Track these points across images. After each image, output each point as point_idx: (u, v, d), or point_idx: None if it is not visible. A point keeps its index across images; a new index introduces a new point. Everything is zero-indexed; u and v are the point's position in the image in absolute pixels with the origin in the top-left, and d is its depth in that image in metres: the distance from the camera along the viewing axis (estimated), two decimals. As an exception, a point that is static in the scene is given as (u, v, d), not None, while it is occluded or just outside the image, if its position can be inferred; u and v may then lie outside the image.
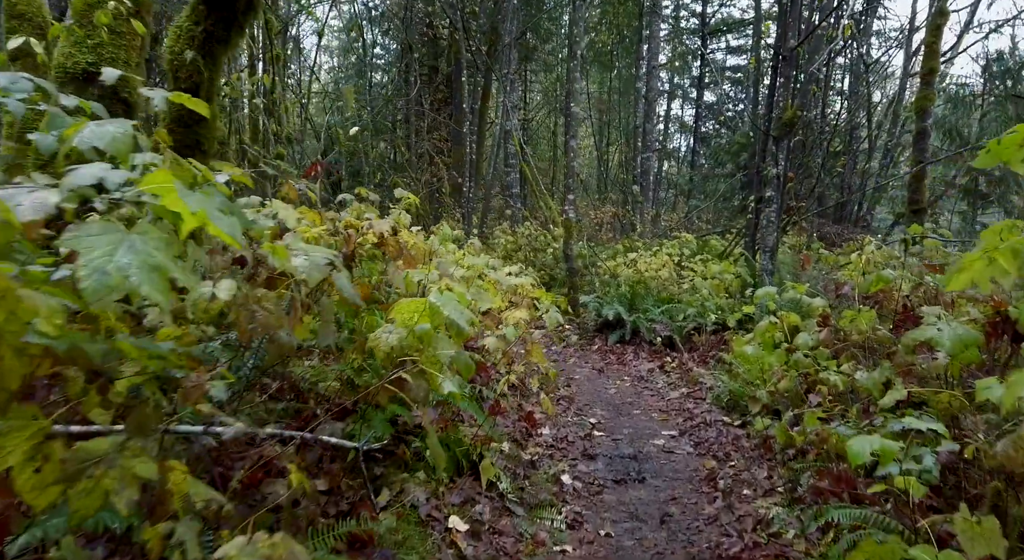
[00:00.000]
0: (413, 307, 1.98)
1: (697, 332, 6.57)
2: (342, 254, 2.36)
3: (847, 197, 10.59)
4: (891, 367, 2.47)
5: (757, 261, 6.75)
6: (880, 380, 2.45)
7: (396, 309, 2.01)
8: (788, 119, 6.89)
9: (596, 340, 7.28)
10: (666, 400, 4.96)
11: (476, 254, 4.75)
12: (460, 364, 1.88)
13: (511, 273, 4.86)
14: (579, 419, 4.46)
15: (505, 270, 4.85)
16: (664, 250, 8.72)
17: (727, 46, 23.53)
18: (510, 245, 12.44)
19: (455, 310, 1.86)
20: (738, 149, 17.05)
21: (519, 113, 21.22)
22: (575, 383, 5.61)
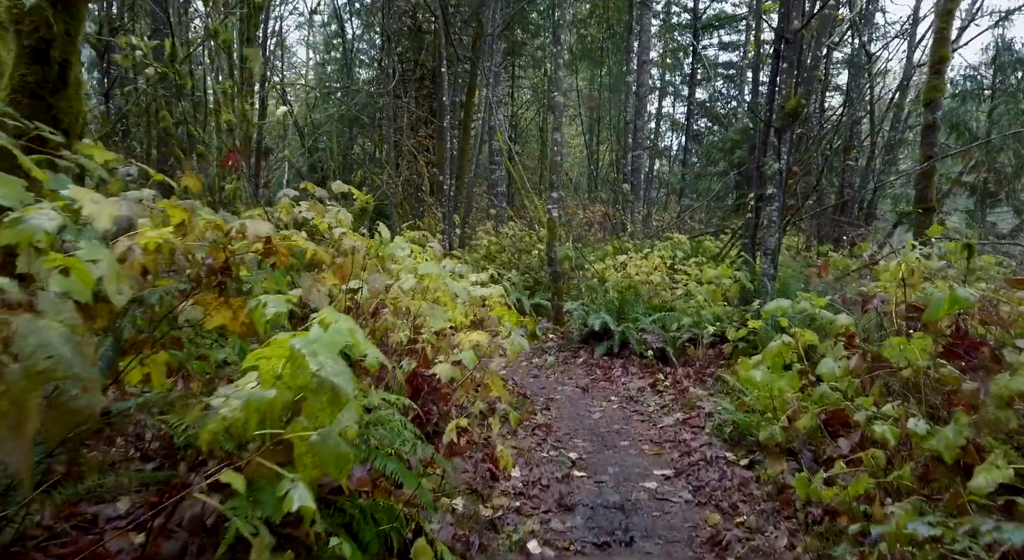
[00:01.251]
0: (279, 353, 1.29)
1: (692, 344, 5.92)
2: (206, 265, 1.67)
3: (848, 196, 9.99)
4: (971, 424, 1.82)
5: (757, 264, 6.10)
6: (957, 442, 1.80)
7: (253, 357, 1.32)
8: (791, 108, 6.26)
9: (581, 352, 6.61)
10: (659, 428, 4.29)
11: (436, 259, 4.06)
12: (324, 455, 1.18)
13: (480, 283, 4.19)
14: (557, 454, 3.78)
15: (473, 277, 4.17)
16: (656, 252, 8.07)
17: (719, 42, 23.00)
18: (493, 246, 11.76)
19: (331, 364, 1.18)
20: (732, 146, 16.46)
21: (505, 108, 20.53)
22: (556, 405, 4.93)
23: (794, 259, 8.47)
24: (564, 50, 7.51)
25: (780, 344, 3.27)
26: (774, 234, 6.28)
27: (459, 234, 12.55)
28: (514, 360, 2.56)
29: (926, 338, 2.39)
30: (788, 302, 3.35)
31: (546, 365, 4.54)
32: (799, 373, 3.53)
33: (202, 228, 1.66)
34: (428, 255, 3.95)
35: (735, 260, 8.58)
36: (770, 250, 6.16)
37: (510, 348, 2.53)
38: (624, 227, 13.82)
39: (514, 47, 20.84)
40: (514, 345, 2.53)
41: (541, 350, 6.93)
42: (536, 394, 5.22)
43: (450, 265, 4.51)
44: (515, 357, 2.53)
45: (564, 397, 5.19)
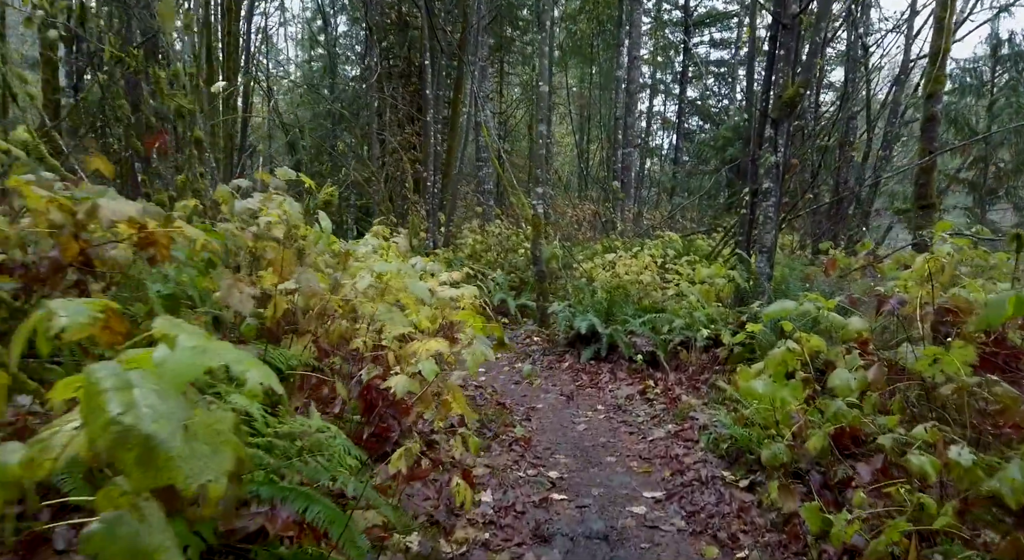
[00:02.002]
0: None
1: (685, 348, 5.54)
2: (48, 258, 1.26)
3: (844, 192, 9.68)
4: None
5: (752, 263, 5.74)
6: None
7: (63, 386, 0.91)
8: (789, 97, 5.90)
9: (567, 356, 6.22)
10: (648, 441, 3.91)
11: (402, 256, 3.66)
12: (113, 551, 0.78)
13: (451, 282, 3.80)
14: (536, 473, 3.39)
15: (444, 276, 3.78)
16: (646, 250, 7.70)
17: (711, 39, 22.77)
18: (478, 245, 11.36)
19: (154, 404, 0.77)
20: (724, 143, 16.17)
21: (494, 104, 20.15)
22: (537, 415, 4.54)
23: (789, 258, 8.14)
24: (548, 37, 7.14)
25: (784, 351, 2.89)
26: (770, 231, 5.92)
27: (444, 232, 12.15)
28: (475, 372, 2.16)
29: (967, 348, 2.02)
30: (792, 303, 2.98)
31: (523, 374, 4.16)
32: (803, 382, 3.16)
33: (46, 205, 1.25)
34: (392, 251, 3.54)
35: (728, 259, 8.24)
36: (766, 248, 5.80)
37: (470, 358, 2.14)
38: (614, 225, 13.47)
39: (502, 43, 20.47)
40: (475, 355, 2.13)
41: (525, 354, 6.54)
42: (517, 403, 4.83)
43: (422, 263, 4.12)
44: (475, 370, 2.14)
45: (547, 406, 4.80)
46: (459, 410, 2.29)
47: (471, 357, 2.13)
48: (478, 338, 2.19)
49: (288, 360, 2.12)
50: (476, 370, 2.13)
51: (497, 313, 8.84)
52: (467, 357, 2.14)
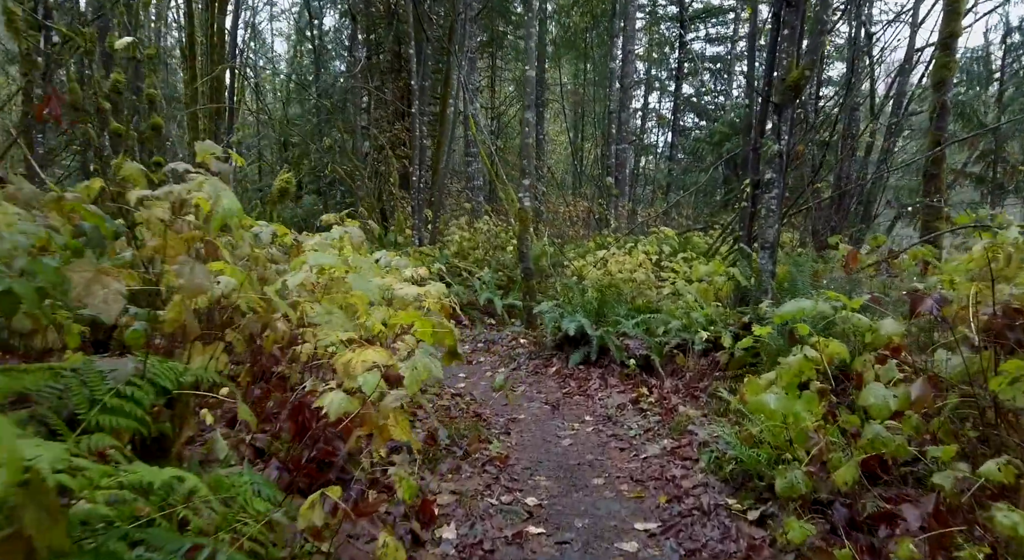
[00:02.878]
0: None
1: (682, 351, 5.09)
2: None
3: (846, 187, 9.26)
4: None
5: (754, 259, 5.29)
6: None
7: None
8: (794, 80, 5.46)
9: (555, 360, 5.77)
10: (641, 459, 3.45)
11: (360, 249, 3.19)
12: None
13: (416, 279, 3.34)
14: (511, 499, 2.93)
15: (408, 272, 3.32)
16: (640, 247, 7.25)
17: (706, 35, 22.37)
18: (466, 242, 10.90)
19: None
20: (720, 139, 15.75)
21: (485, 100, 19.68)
22: (518, 428, 4.08)
23: (792, 255, 7.71)
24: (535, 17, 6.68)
25: (801, 359, 2.45)
26: (773, 225, 5.48)
27: (431, 229, 11.67)
28: (416, 390, 1.70)
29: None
30: (808, 303, 2.53)
31: (494, 386, 3.70)
32: (818, 393, 2.72)
33: None
34: (346, 243, 3.08)
35: (727, 256, 7.80)
36: (768, 243, 5.36)
37: (409, 374, 1.67)
38: (608, 223, 13.04)
39: (494, 37, 20.02)
40: (416, 369, 1.67)
41: (509, 357, 6.08)
42: (496, 413, 4.36)
43: (387, 258, 3.65)
44: (416, 388, 1.68)
45: (530, 417, 4.34)
46: (400, 436, 1.83)
47: (410, 372, 1.66)
48: (422, 347, 1.73)
49: (181, 375, 1.66)
50: (416, 389, 1.67)
51: (484, 313, 8.38)
52: (405, 372, 1.67)
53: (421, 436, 3.21)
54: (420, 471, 2.97)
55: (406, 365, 1.67)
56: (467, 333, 7.48)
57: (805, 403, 2.65)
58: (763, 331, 2.98)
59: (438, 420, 3.60)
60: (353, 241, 2.94)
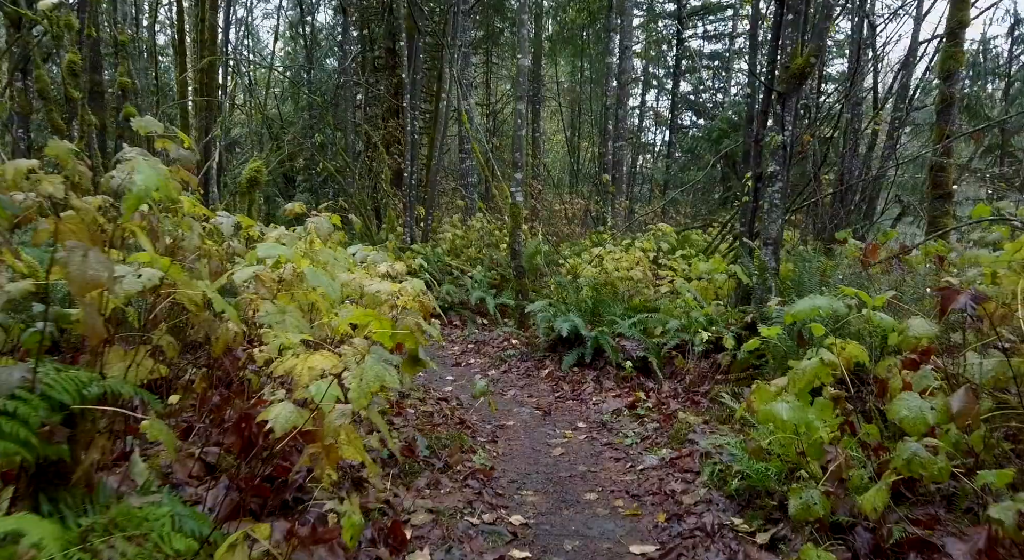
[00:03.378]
0: None
1: (681, 353, 4.83)
2: None
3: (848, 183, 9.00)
4: None
5: (757, 255, 5.02)
6: None
7: None
8: (798, 67, 5.20)
9: (547, 361, 5.49)
10: (638, 471, 3.18)
11: (331, 242, 2.91)
12: None
13: (393, 276, 3.06)
14: (494, 518, 2.65)
15: (383, 268, 3.04)
16: (637, 244, 6.98)
17: (704, 32, 22.13)
18: (459, 240, 10.63)
19: None
20: (719, 135, 15.49)
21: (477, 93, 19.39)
22: (506, 435, 3.80)
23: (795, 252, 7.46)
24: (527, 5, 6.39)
25: (817, 364, 2.18)
26: (776, 220, 5.21)
27: (423, 227, 11.39)
28: (366, 404, 1.42)
29: None
30: (824, 301, 2.26)
31: (474, 393, 3.41)
32: (832, 400, 2.45)
33: None
34: (311, 236, 2.80)
35: (727, 253, 7.54)
36: (771, 239, 5.09)
37: (355, 386, 1.39)
38: (604, 221, 12.77)
39: (490, 33, 19.76)
40: (365, 381, 1.39)
41: (500, 359, 5.81)
42: (484, 419, 4.09)
43: (363, 252, 3.37)
44: (365, 402, 1.40)
45: (519, 423, 4.06)
46: (353, 456, 1.55)
47: (356, 383, 1.38)
48: (375, 353, 1.45)
49: (86, 387, 1.38)
50: (365, 402, 1.39)
51: (476, 313, 8.11)
52: (350, 382, 1.40)
53: (396, 447, 2.93)
54: (394, 486, 2.69)
55: (351, 374, 1.39)
56: (457, 333, 7.20)
57: (818, 410, 2.37)
58: (772, 332, 2.70)
59: (418, 428, 3.32)
60: (320, 233, 2.66)
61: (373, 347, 1.47)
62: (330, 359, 1.48)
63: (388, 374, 1.41)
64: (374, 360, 1.43)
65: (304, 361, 1.49)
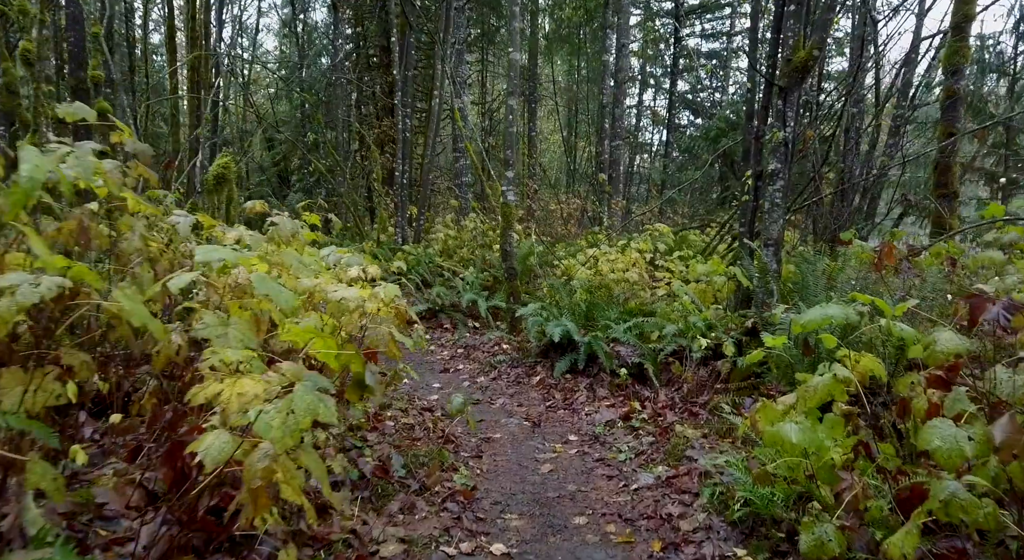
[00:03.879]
0: None
1: (678, 359, 4.59)
2: None
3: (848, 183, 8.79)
4: None
5: (758, 256, 4.78)
6: None
7: None
8: (801, 60, 4.98)
9: (539, 368, 5.25)
10: (632, 491, 2.94)
11: (295, 243, 2.66)
12: None
13: (365, 280, 2.82)
14: (472, 546, 2.41)
15: (353, 272, 2.80)
16: (633, 245, 6.75)
17: (702, 31, 21.93)
18: (451, 241, 10.39)
19: None
20: (717, 134, 15.27)
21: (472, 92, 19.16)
22: (492, 449, 3.56)
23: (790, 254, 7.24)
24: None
25: (830, 380, 1.95)
26: (778, 220, 4.99)
27: (415, 227, 11.15)
28: (292, 444, 1.18)
29: None
30: (838, 310, 2.03)
31: (450, 410, 3.18)
32: (844, 417, 2.22)
33: None
34: (275, 237, 2.55)
35: (725, 254, 7.31)
36: (772, 240, 4.86)
37: (278, 424, 1.15)
38: (600, 221, 12.55)
39: (485, 31, 19.55)
40: (293, 415, 1.15)
41: (490, 365, 5.57)
42: (468, 432, 3.85)
43: (336, 254, 3.14)
44: (291, 441, 1.16)
45: (506, 436, 3.82)
46: (291, 497, 1.32)
47: (280, 420, 1.14)
48: (308, 379, 1.21)
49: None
50: (290, 442, 1.15)
51: (468, 316, 7.87)
52: (272, 418, 1.15)
53: (368, 467, 2.69)
54: (363, 512, 2.45)
55: (273, 408, 1.15)
56: (448, 337, 6.97)
57: (828, 429, 2.14)
58: (777, 342, 2.47)
59: (394, 445, 3.08)
60: (282, 234, 2.42)
61: (307, 373, 1.24)
62: (256, 384, 1.24)
63: (323, 406, 1.17)
64: (306, 389, 1.19)
65: (232, 386, 1.26)
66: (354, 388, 1.41)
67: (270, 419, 1.13)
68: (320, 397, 1.19)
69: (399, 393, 4.49)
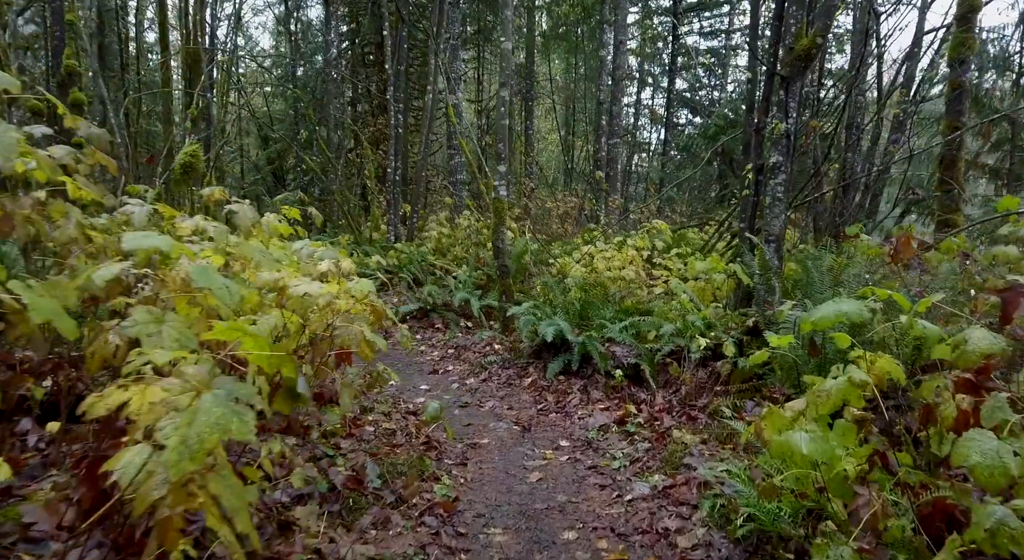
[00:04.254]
0: None
1: (676, 360, 4.38)
2: None
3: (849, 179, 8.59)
4: None
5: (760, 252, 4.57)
6: None
7: None
8: (804, 49, 4.78)
9: (531, 369, 5.04)
10: (626, 502, 2.73)
11: (260, 235, 2.45)
12: None
13: (336, 275, 2.62)
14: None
15: (323, 266, 2.59)
16: (630, 242, 6.55)
17: (700, 29, 21.75)
18: (445, 239, 10.18)
19: None
20: (715, 132, 15.09)
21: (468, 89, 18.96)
22: (478, 456, 3.35)
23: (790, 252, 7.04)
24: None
25: (845, 384, 1.74)
26: (779, 215, 4.79)
27: (408, 225, 10.94)
28: (193, 468, 0.97)
29: None
30: (854, 305, 1.83)
31: (426, 416, 2.96)
32: (856, 423, 2.01)
33: None
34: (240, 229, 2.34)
35: (725, 252, 7.11)
36: (773, 236, 4.66)
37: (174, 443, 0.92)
38: (597, 219, 12.35)
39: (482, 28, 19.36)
40: (195, 434, 0.93)
41: (480, 366, 5.36)
42: (456, 436, 3.64)
43: (309, 248, 2.93)
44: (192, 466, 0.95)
45: (495, 441, 3.61)
46: (216, 526, 1.10)
47: (176, 437, 0.92)
48: (220, 386, 1.00)
49: None
50: (189, 468, 0.93)
51: (460, 315, 7.66)
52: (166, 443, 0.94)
53: (340, 478, 2.47)
54: (331, 528, 2.24)
55: (170, 423, 0.94)
56: (439, 337, 6.76)
57: (839, 435, 1.93)
58: (783, 342, 2.26)
59: (371, 453, 2.86)
60: (240, 224, 2.20)
61: (220, 380, 1.03)
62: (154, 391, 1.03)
63: (237, 420, 0.96)
64: (216, 400, 0.98)
65: (143, 395, 1.05)
66: (284, 397, 1.20)
67: (164, 437, 0.92)
68: (235, 410, 0.98)
69: (383, 396, 4.28)
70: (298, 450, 2.59)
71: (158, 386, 1.05)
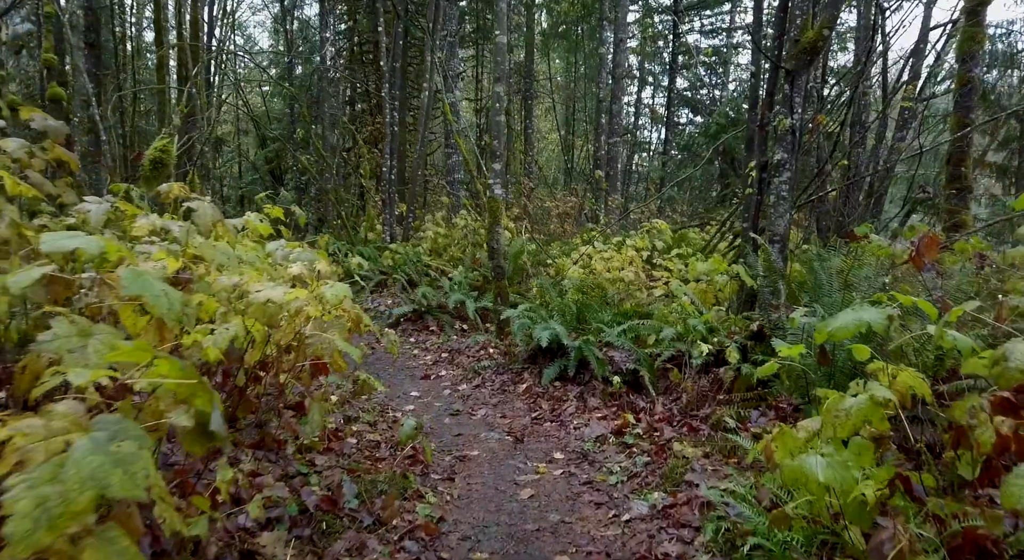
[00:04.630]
0: None
1: (676, 365, 4.19)
2: None
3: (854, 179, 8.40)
4: None
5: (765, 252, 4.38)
6: None
7: None
8: (809, 41, 4.59)
9: (526, 374, 4.85)
10: (623, 522, 2.54)
11: (223, 235, 2.27)
12: None
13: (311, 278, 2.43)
14: (431, 597, 2.01)
15: (295, 268, 2.41)
16: (629, 242, 6.35)
17: (701, 27, 21.56)
18: (441, 239, 9.98)
19: None
20: (716, 131, 14.90)
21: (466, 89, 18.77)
22: (467, 470, 3.16)
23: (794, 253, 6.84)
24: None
25: (867, 403, 1.55)
26: (784, 214, 4.61)
27: (404, 225, 10.75)
28: (50, 542, 0.79)
29: None
30: (876, 313, 1.64)
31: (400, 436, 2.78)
32: (875, 441, 1.82)
33: None
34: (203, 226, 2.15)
35: (727, 252, 6.92)
36: (778, 236, 4.48)
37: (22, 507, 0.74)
38: (597, 219, 12.16)
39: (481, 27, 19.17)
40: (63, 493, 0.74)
41: (474, 371, 5.17)
42: (444, 447, 3.45)
43: (285, 249, 2.74)
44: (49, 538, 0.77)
45: (485, 452, 3.42)
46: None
47: (30, 500, 0.71)
48: (101, 427, 0.81)
49: None
50: (49, 541, 0.75)
51: (456, 318, 7.47)
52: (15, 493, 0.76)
53: (313, 499, 2.28)
54: (300, 556, 2.05)
55: (24, 478, 0.75)
56: (433, 340, 6.57)
57: (855, 455, 1.74)
58: (793, 352, 2.07)
59: (348, 469, 2.67)
60: (200, 222, 2.02)
61: (103, 420, 0.83)
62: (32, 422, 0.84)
63: (119, 473, 0.76)
64: (94, 446, 0.78)
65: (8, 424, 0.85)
66: (194, 436, 1.00)
67: (14, 498, 0.73)
68: (119, 458, 0.78)
69: (370, 404, 4.09)
70: (269, 467, 2.41)
71: (24, 419, 0.85)
